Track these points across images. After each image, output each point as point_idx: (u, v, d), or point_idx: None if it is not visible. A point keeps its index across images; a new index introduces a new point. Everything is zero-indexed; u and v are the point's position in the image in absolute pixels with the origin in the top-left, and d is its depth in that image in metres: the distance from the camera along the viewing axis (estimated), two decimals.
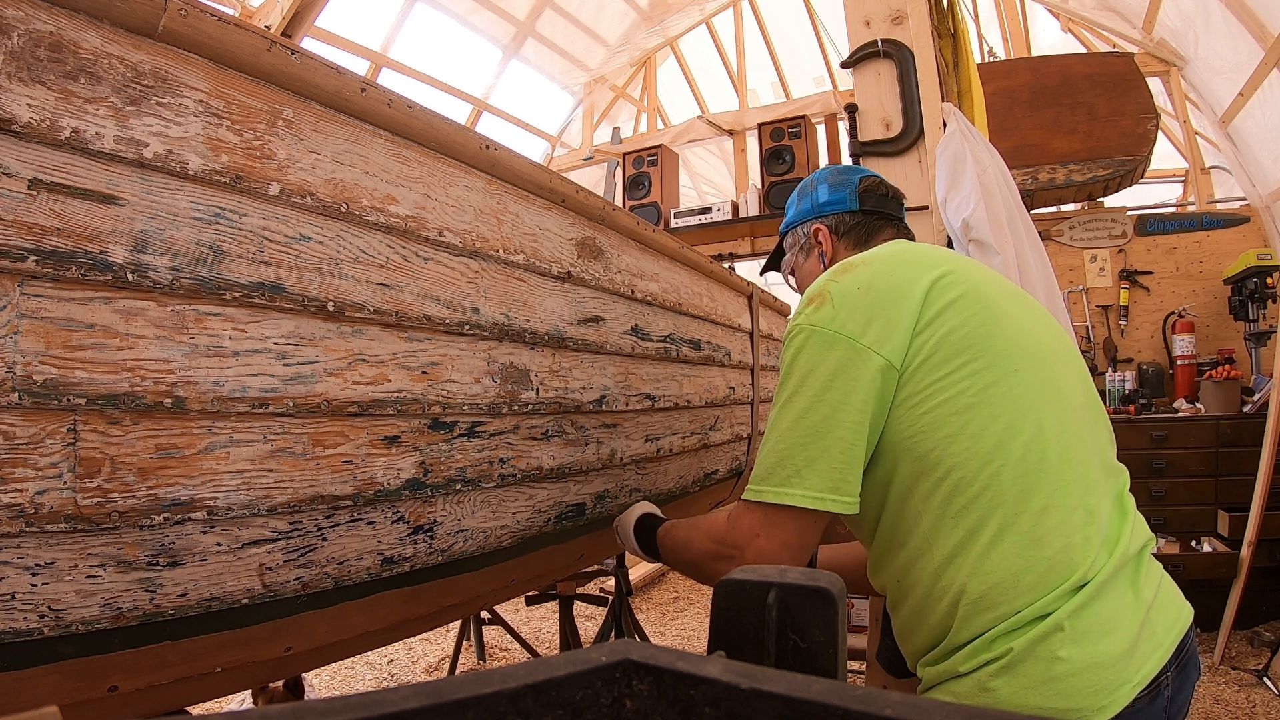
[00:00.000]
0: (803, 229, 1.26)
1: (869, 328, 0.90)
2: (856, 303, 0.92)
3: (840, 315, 0.92)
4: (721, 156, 7.09)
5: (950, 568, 0.87)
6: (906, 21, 1.80)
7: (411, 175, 1.03)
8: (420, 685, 0.27)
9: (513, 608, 4.06)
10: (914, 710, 0.26)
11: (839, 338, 0.90)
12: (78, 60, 0.70)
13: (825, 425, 0.88)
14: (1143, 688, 0.82)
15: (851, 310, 0.92)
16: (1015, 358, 0.90)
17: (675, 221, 4.52)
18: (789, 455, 0.90)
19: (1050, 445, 0.87)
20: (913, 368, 0.89)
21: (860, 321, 0.90)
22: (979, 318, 0.91)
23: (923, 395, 0.89)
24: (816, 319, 0.93)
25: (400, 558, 1.07)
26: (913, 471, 0.90)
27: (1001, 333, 0.91)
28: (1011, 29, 5.28)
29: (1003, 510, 0.85)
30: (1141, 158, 3.52)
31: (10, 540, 0.69)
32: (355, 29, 4.59)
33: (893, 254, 1.00)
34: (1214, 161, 4.86)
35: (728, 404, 2.07)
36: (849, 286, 0.94)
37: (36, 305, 0.69)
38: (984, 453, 0.86)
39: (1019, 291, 1.05)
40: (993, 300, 0.94)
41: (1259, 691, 2.87)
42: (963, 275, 0.96)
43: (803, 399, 0.90)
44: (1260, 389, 3.67)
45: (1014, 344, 0.91)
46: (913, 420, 0.89)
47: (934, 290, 0.92)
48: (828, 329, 0.91)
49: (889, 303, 0.91)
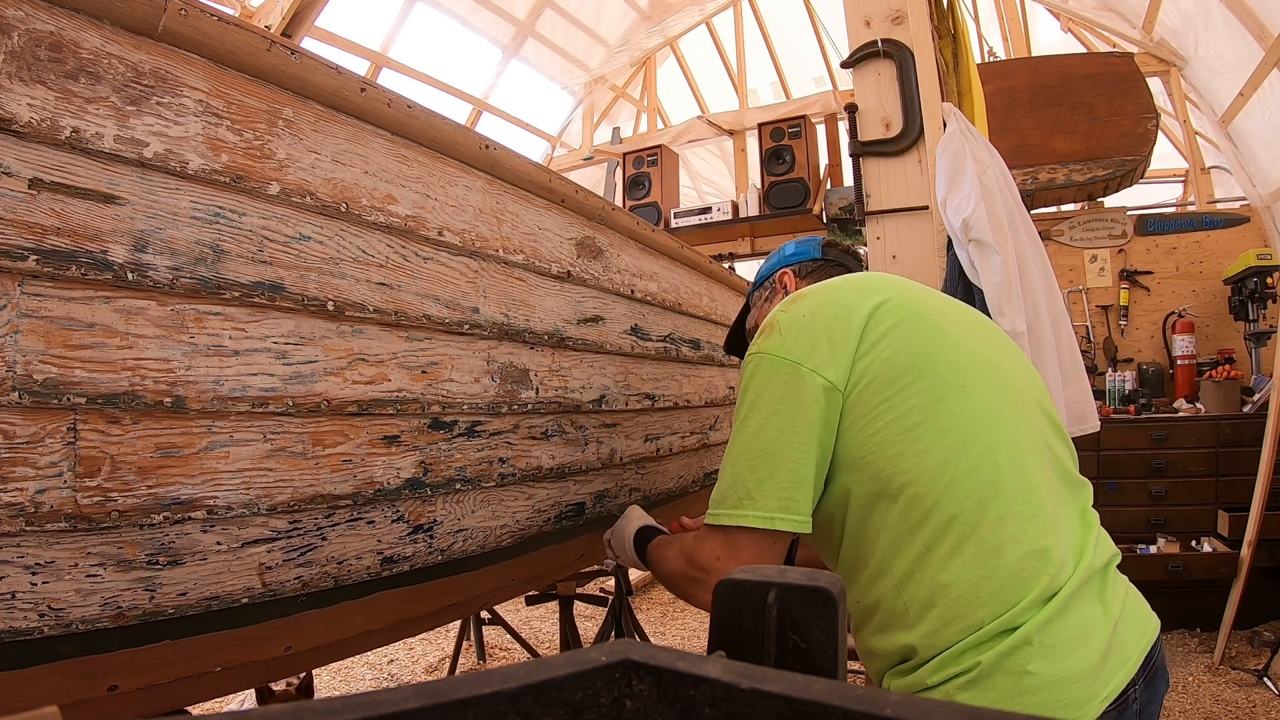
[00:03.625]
0: (769, 281, 1.33)
1: (814, 352, 0.94)
2: (802, 329, 0.97)
3: (787, 342, 0.96)
4: (721, 156, 7.09)
5: (911, 582, 0.88)
6: (906, 21, 1.80)
7: (411, 175, 1.03)
8: (420, 685, 0.27)
9: (513, 608, 4.06)
10: (914, 710, 0.26)
11: (785, 362, 0.95)
12: (78, 60, 0.70)
13: (773, 447, 0.92)
14: (1111, 701, 0.82)
15: (798, 336, 0.96)
16: (961, 375, 0.93)
17: (675, 221, 4.52)
18: (741, 478, 0.94)
19: (1003, 457, 0.89)
20: (858, 390, 0.93)
21: (805, 346, 0.95)
22: (921, 338, 0.95)
23: (871, 416, 0.92)
24: (765, 346, 0.98)
25: (400, 557, 1.07)
26: (868, 491, 0.92)
27: (946, 352, 0.95)
28: (1011, 29, 5.28)
29: (959, 522, 0.86)
30: (1141, 158, 3.52)
31: (10, 539, 0.69)
32: (355, 29, 4.59)
33: (838, 283, 1.05)
34: (1214, 161, 4.86)
35: (727, 404, 2.07)
36: (795, 315, 0.99)
37: (37, 305, 0.69)
38: (934, 467, 0.88)
39: (970, 313, 1.09)
40: (936, 322, 0.98)
41: (1259, 691, 2.87)
42: (905, 300, 1.00)
43: (752, 423, 0.95)
44: (1260, 389, 3.67)
45: (959, 362, 0.95)
46: (863, 441, 0.92)
47: (875, 315, 0.96)
48: (775, 355, 0.96)
49: (832, 327, 0.96)
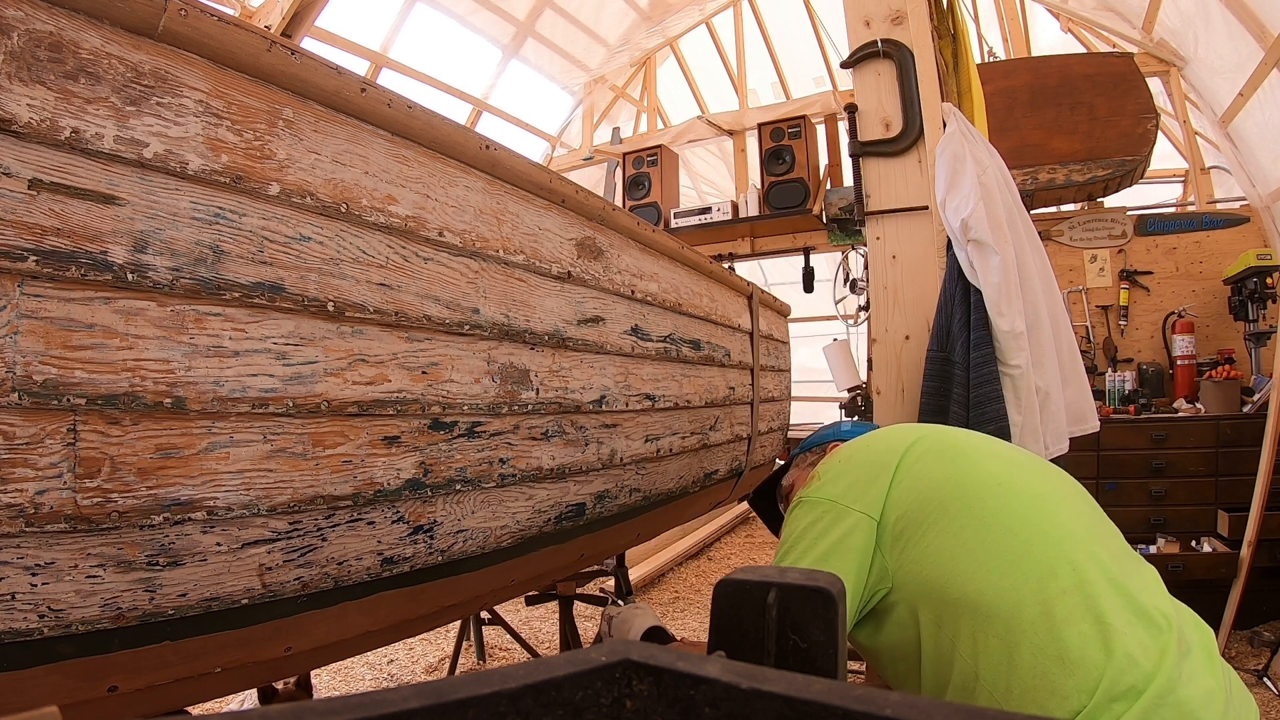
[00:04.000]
0: (817, 448, 1.41)
1: (849, 490, 1.06)
2: (839, 472, 1.11)
3: (825, 485, 1.10)
4: (721, 156, 7.09)
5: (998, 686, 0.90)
6: (906, 21, 1.80)
7: (411, 175, 1.02)
8: (420, 685, 0.27)
9: (513, 608, 4.06)
10: (914, 710, 0.26)
11: (824, 501, 1.07)
12: (78, 60, 0.70)
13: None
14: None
15: (835, 479, 1.10)
16: (996, 483, 1.00)
17: (675, 221, 4.52)
18: None
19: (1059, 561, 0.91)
20: (897, 517, 1.01)
21: (842, 486, 1.08)
22: (955, 465, 1.04)
23: (918, 539, 0.99)
24: (806, 494, 1.11)
25: (400, 558, 1.07)
26: (932, 616, 0.97)
27: (982, 473, 1.02)
28: (1011, 29, 5.28)
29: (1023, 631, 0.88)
30: (1141, 158, 3.52)
31: (10, 540, 0.69)
32: (355, 29, 4.59)
33: (876, 434, 1.20)
34: (1214, 161, 4.86)
35: (728, 404, 2.07)
36: (833, 463, 1.14)
37: (36, 305, 0.69)
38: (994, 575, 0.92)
39: (999, 443, 1.19)
40: (964, 448, 1.08)
41: (1259, 691, 2.87)
42: (936, 435, 1.12)
43: (792, 556, 1.06)
44: (1260, 389, 3.67)
45: (997, 480, 1.01)
46: (917, 563, 0.98)
47: (909, 452, 1.08)
48: (814, 497, 1.09)
49: (866, 468, 1.09)
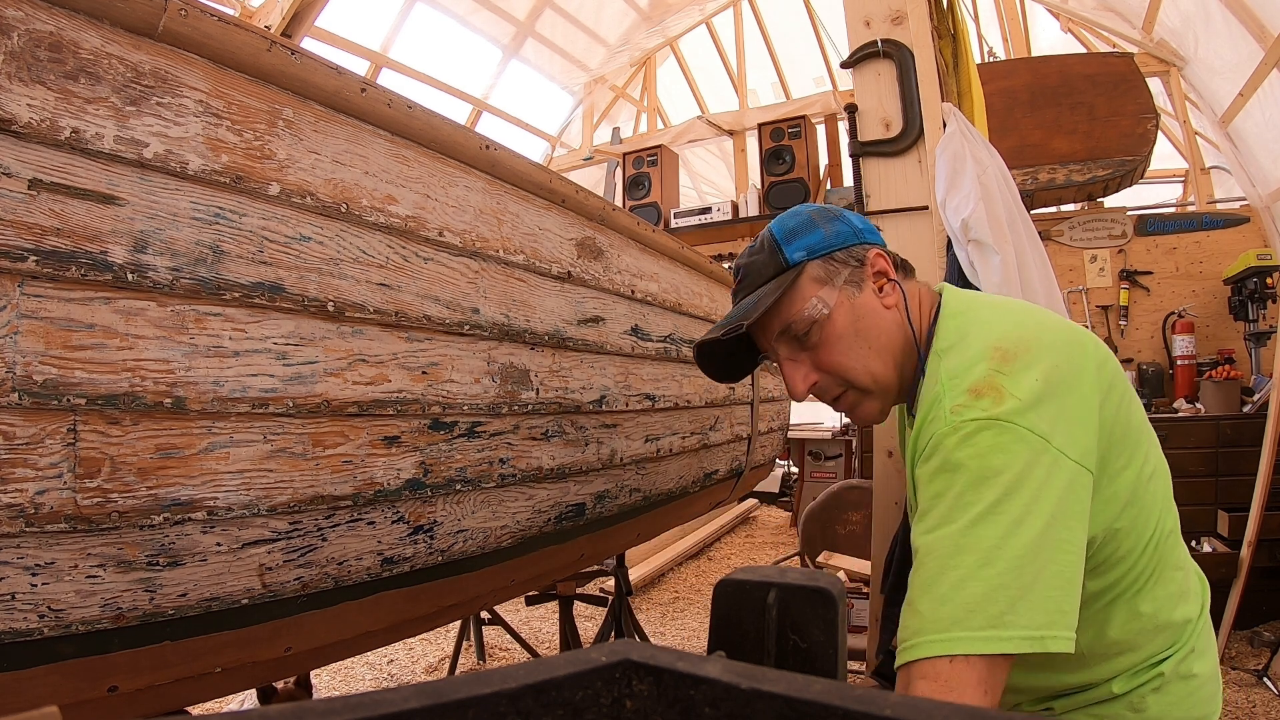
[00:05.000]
0: (846, 254, 0.96)
1: (1057, 426, 0.77)
2: (1043, 396, 0.78)
3: (1030, 414, 0.76)
4: (721, 156, 7.09)
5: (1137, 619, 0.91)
6: (906, 21, 1.80)
7: (411, 175, 1.02)
8: (420, 685, 0.27)
9: (513, 608, 4.06)
10: (914, 710, 0.26)
11: (1036, 440, 0.75)
12: (78, 60, 0.70)
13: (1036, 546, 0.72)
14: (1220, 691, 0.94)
15: (1040, 407, 0.77)
16: (1147, 428, 0.92)
17: (675, 221, 4.52)
18: (999, 588, 0.71)
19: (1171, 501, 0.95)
20: (1099, 465, 0.80)
21: (1047, 418, 0.77)
22: (1131, 396, 0.88)
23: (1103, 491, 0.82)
24: (1002, 412, 0.77)
25: (400, 558, 1.07)
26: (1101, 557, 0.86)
27: (1138, 404, 0.91)
28: (1011, 29, 5.28)
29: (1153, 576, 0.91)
30: (1141, 158, 3.52)
31: (10, 540, 0.69)
32: (355, 29, 4.59)
33: (1043, 331, 0.86)
34: (1214, 161, 4.86)
35: (728, 404, 2.07)
36: (1026, 380, 0.79)
37: (36, 305, 0.69)
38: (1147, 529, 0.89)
39: None
40: (1118, 366, 0.90)
41: (1259, 691, 2.87)
42: (1103, 348, 0.89)
43: (1005, 514, 0.73)
44: (1260, 389, 3.67)
45: (1142, 413, 0.92)
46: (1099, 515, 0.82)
47: (1100, 375, 0.84)
48: (1021, 426, 0.76)
49: (1069, 396, 0.80)
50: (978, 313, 0.91)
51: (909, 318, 0.94)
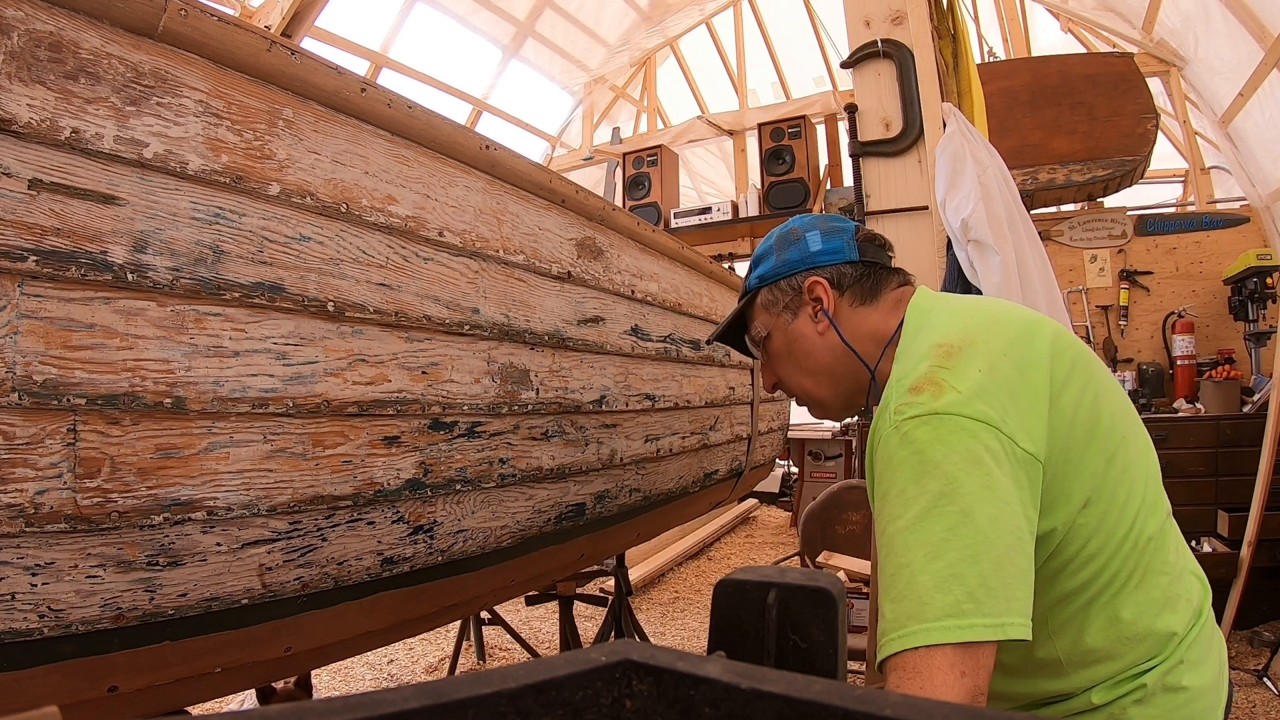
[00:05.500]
0: (787, 284, 1.02)
1: (1006, 416, 0.76)
2: (985, 385, 0.78)
3: (972, 401, 0.76)
4: (721, 156, 7.10)
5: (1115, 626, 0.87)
6: (906, 21, 1.80)
7: (411, 175, 1.03)
8: (420, 685, 0.27)
9: (513, 608, 4.06)
10: (914, 710, 0.26)
11: (981, 426, 0.75)
12: (78, 60, 0.70)
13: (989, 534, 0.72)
14: (1224, 707, 0.90)
15: (982, 393, 0.77)
16: (1124, 423, 0.87)
17: (675, 221, 4.52)
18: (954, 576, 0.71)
19: (1156, 500, 0.90)
20: (1053, 456, 0.80)
21: (997, 407, 0.76)
22: (1095, 381, 0.85)
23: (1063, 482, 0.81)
24: (943, 405, 0.76)
25: (400, 558, 1.07)
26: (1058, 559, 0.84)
27: (1113, 398, 0.87)
28: (1011, 29, 5.28)
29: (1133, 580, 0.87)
30: (1141, 158, 3.52)
31: (10, 540, 0.69)
32: (355, 29, 4.59)
33: (994, 322, 0.87)
34: (1214, 161, 4.86)
35: (728, 404, 2.07)
36: (968, 371, 0.79)
37: (36, 305, 0.69)
38: (1119, 530, 0.85)
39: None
40: (1090, 357, 0.88)
41: (1259, 691, 2.87)
42: (1065, 333, 0.87)
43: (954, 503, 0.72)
44: (1260, 389, 3.67)
45: (1121, 409, 0.88)
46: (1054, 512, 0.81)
47: (1054, 359, 0.83)
48: (962, 415, 0.75)
49: (1016, 383, 0.80)
50: (935, 315, 0.93)
51: (844, 339, 0.99)
